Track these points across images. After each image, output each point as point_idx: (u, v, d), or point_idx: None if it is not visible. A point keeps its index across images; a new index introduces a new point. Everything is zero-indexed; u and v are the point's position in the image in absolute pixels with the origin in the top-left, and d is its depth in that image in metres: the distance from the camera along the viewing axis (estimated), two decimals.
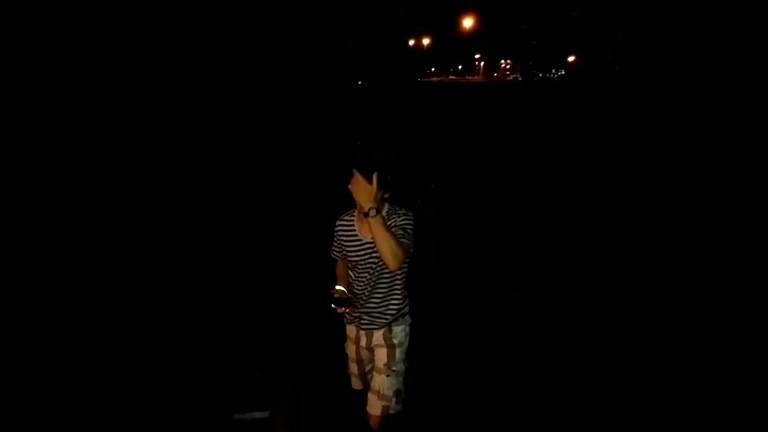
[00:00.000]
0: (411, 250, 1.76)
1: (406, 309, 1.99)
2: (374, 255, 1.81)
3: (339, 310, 1.83)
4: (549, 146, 9.72)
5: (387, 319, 1.93)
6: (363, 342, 2.00)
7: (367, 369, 2.08)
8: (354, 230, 1.89)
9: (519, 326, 2.90)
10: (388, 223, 1.70)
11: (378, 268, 1.84)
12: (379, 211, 1.61)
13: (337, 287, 1.86)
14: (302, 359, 2.62)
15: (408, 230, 1.78)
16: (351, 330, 2.04)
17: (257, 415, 2.24)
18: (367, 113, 14.52)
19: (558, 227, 4.86)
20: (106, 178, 5.03)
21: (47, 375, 2.34)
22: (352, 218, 1.92)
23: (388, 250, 1.58)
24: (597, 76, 37.74)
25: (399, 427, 1.97)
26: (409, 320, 2.01)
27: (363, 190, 1.62)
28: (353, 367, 2.10)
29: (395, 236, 1.64)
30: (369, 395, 1.95)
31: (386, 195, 1.77)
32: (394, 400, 1.91)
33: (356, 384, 2.14)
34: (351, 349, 2.07)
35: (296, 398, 2.36)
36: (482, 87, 40.05)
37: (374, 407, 1.91)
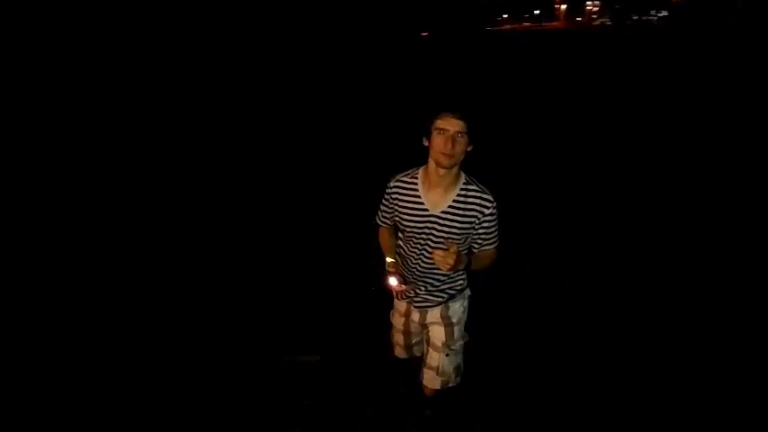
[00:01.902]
0: (497, 244, 1.67)
1: (466, 283, 1.82)
2: (438, 229, 1.60)
3: (397, 288, 1.70)
4: (645, 110, 8.20)
5: (444, 297, 1.77)
6: (416, 318, 1.84)
7: (414, 341, 1.94)
8: (418, 197, 1.63)
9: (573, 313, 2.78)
10: (464, 210, 1.58)
11: (439, 245, 1.60)
12: (471, 263, 1.59)
13: (389, 259, 1.74)
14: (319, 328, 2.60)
15: (494, 231, 1.64)
16: (400, 305, 1.87)
17: (308, 358, 2.34)
18: (430, 71, 13.39)
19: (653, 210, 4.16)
20: (109, 178, 4.95)
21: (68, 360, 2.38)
22: (416, 180, 1.64)
23: (480, 270, 1.66)
24: (711, 18, 31.34)
25: (452, 396, 1.89)
26: (468, 294, 1.84)
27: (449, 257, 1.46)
28: (399, 338, 1.94)
29: (483, 258, 1.66)
30: (425, 370, 1.82)
31: (469, 149, 1.53)
32: (453, 374, 1.80)
33: (400, 353, 1.99)
34: (398, 321, 1.91)
35: (346, 344, 2.45)
36: (562, 35, 37.00)
37: (433, 381, 1.79)
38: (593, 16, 79.89)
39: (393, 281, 1.66)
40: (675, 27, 31.78)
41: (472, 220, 1.57)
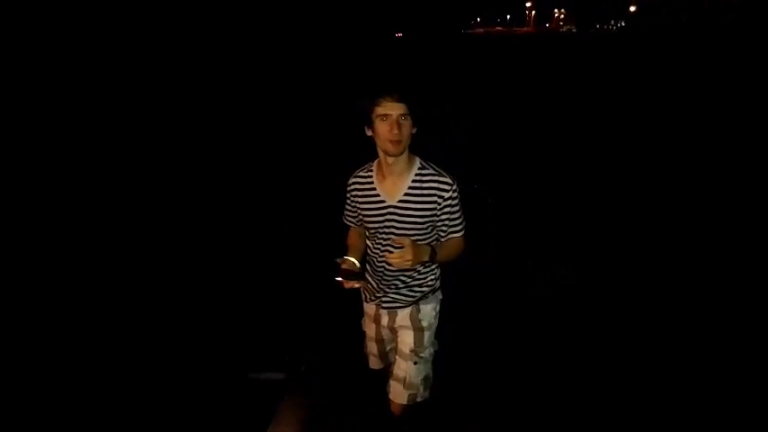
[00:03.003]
0: (463, 231, 1.59)
1: (437, 284, 1.71)
2: (399, 220, 1.54)
3: (347, 285, 1.51)
4: (607, 109, 8.63)
5: (414, 297, 1.67)
6: (385, 321, 1.73)
7: (388, 348, 1.82)
8: (374, 190, 1.59)
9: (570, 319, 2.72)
10: (422, 196, 1.51)
11: (401, 236, 1.53)
12: (435, 253, 1.51)
13: (346, 257, 1.57)
14: (317, 328, 2.59)
15: (457, 216, 1.55)
16: (369, 308, 1.78)
17: (272, 376, 2.26)
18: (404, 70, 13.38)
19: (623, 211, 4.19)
20: (112, 178, 4.92)
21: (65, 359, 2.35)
22: (370, 174, 1.60)
23: (447, 261, 1.58)
24: (662, 29, 33.71)
25: (421, 413, 1.76)
26: (440, 297, 1.74)
27: (410, 250, 1.41)
28: (372, 347, 1.84)
29: (450, 247, 1.57)
30: (392, 382, 1.70)
31: (414, 131, 1.48)
32: (422, 387, 1.68)
33: (374, 364, 1.88)
34: (369, 327, 1.81)
35: (312, 361, 2.38)
36: (532, 39, 37.69)
37: (399, 395, 1.67)
38: (560, 23, 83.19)
39: (346, 275, 1.50)
40: (632, 36, 33.66)
41: (432, 206, 1.50)
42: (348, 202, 1.69)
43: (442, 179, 1.50)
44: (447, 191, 1.50)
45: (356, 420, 1.99)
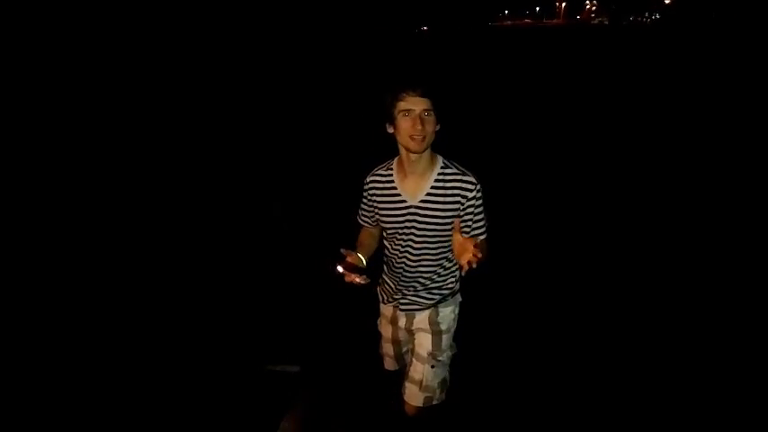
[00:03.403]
0: (486, 234, 1.52)
1: (457, 286, 1.67)
2: (420, 220, 1.48)
3: (348, 278, 1.41)
4: (640, 104, 8.42)
5: (433, 299, 1.62)
6: (402, 323, 1.69)
7: (404, 350, 1.79)
8: (394, 189, 1.52)
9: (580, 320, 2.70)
10: (445, 196, 1.44)
11: (423, 238, 1.50)
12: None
13: (354, 252, 1.48)
14: (334, 323, 2.58)
15: (481, 217, 1.49)
16: (387, 309, 1.74)
17: (288, 368, 2.24)
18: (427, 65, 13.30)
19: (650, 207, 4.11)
20: (114, 178, 4.87)
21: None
22: (390, 172, 1.53)
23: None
24: (698, 22, 32.27)
25: (435, 414, 1.71)
26: (460, 299, 1.70)
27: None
28: (388, 348, 1.81)
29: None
30: (407, 384, 1.65)
31: (437, 128, 1.41)
32: (438, 390, 1.64)
33: (390, 365, 1.86)
34: (386, 329, 1.78)
35: (328, 354, 2.37)
36: (562, 32, 37.22)
37: (415, 398, 1.63)
38: (592, 15, 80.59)
39: (349, 267, 1.42)
40: (667, 30, 32.36)
41: (455, 206, 1.44)
42: (365, 201, 1.62)
43: (465, 178, 1.44)
44: (471, 190, 1.43)
45: (369, 418, 1.97)
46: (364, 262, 1.48)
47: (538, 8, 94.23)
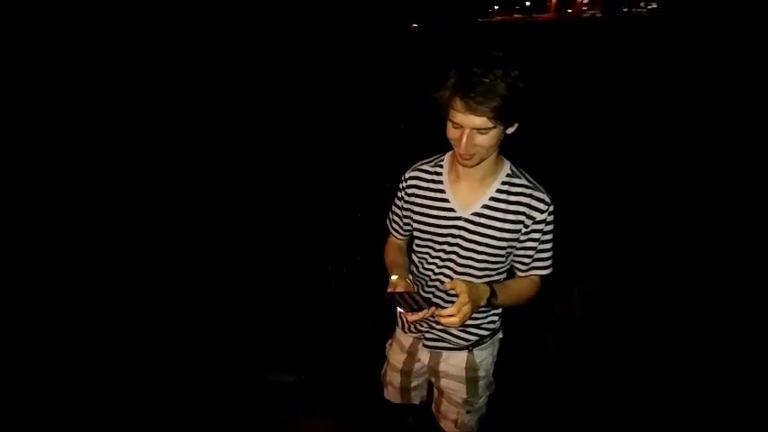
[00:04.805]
0: (550, 271, 1.21)
1: (499, 324, 1.34)
2: (468, 238, 1.16)
3: (411, 318, 1.04)
4: (637, 103, 8.07)
5: (468, 341, 1.29)
6: (425, 359, 1.36)
7: (414, 384, 1.45)
8: (442, 192, 1.18)
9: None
10: (506, 212, 1.13)
11: (468, 260, 1.17)
12: (496, 297, 1.09)
13: (393, 278, 1.11)
14: (333, 333, 2.51)
15: (547, 247, 1.18)
16: (405, 338, 1.39)
17: (284, 378, 2.24)
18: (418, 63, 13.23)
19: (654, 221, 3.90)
20: (114, 178, 4.86)
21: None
22: (440, 170, 1.20)
23: (512, 306, 1.20)
24: (701, 10, 31.61)
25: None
26: (501, 336, 1.37)
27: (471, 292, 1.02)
28: (394, 378, 1.45)
29: (522, 288, 1.19)
30: (441, 419, 1.42)
31: (510, 130, 1.07)
32: (477, 426, 1.42)
33: (392, 397, 1.50)
34: (397, 357, 1.42)
35: (324, 364, 2.33)
36: (553, 27, 36.74)
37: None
38: (584, 8, 79.98)
39: (407, 303, 1.06)
40: (666, 21, 32.06)
41: (518, 226, 1.13)
42: (400, 202, 1.26)
43: (537, 194, 1.13)
44: (542, 211, 1.13)
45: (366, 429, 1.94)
46: (414, 286, 1.17)
47: (528, 2, 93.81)
